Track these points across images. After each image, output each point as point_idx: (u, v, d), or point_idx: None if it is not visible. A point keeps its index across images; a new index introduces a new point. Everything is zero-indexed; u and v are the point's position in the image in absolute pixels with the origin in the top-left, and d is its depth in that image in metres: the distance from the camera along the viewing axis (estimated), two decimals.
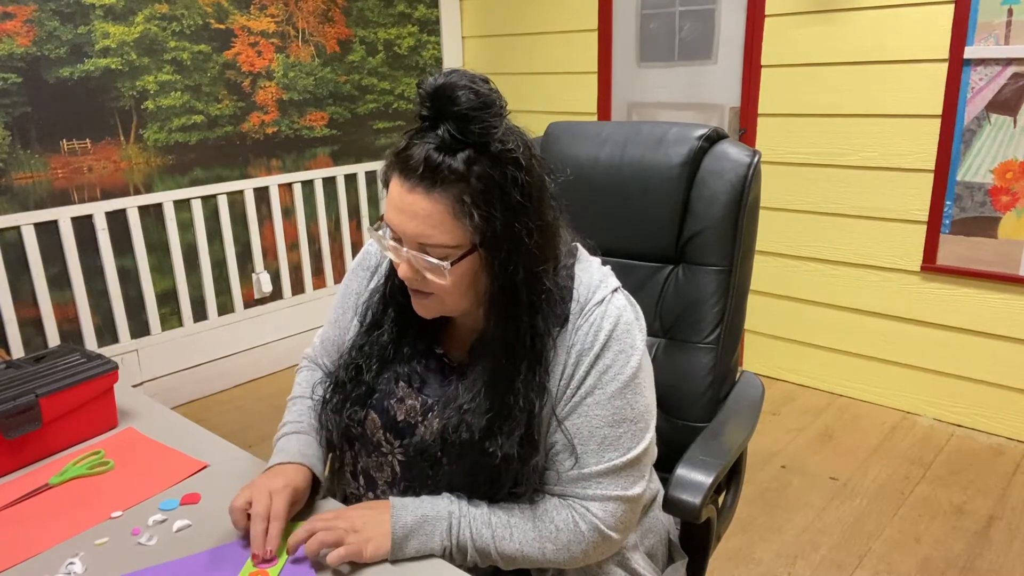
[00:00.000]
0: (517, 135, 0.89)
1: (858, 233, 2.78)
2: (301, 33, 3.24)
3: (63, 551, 0.95)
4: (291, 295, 3.37)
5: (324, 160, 3.41)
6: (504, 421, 0.92)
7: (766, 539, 2.11)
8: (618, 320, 0.95)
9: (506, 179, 0.85)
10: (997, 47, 2.35)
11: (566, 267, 0.97)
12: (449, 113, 0.84)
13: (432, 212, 0.85)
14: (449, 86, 0.84)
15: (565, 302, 0.95)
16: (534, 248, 0.89)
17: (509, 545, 0.93)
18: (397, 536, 0.90)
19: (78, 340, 2.75)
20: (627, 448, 0.95)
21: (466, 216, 0.85)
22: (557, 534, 0.94)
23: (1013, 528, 2.13)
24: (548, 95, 3.57)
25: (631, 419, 0.95)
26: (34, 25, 2.51)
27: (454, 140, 0.84)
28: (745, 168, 1.22)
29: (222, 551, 0.93)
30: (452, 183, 0.84)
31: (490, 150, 0.85)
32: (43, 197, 2.61)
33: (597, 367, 0.94)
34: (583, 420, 0.94)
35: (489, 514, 0.94)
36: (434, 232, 0.86)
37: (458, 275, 0.90)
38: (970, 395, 2.66)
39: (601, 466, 0.94)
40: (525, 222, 0.87)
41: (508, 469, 0.93)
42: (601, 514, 0.95)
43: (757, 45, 2.85)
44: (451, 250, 0.88)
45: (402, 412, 1.01)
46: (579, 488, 0.95)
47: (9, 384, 1.16)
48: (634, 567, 1.06)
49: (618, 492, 0.95)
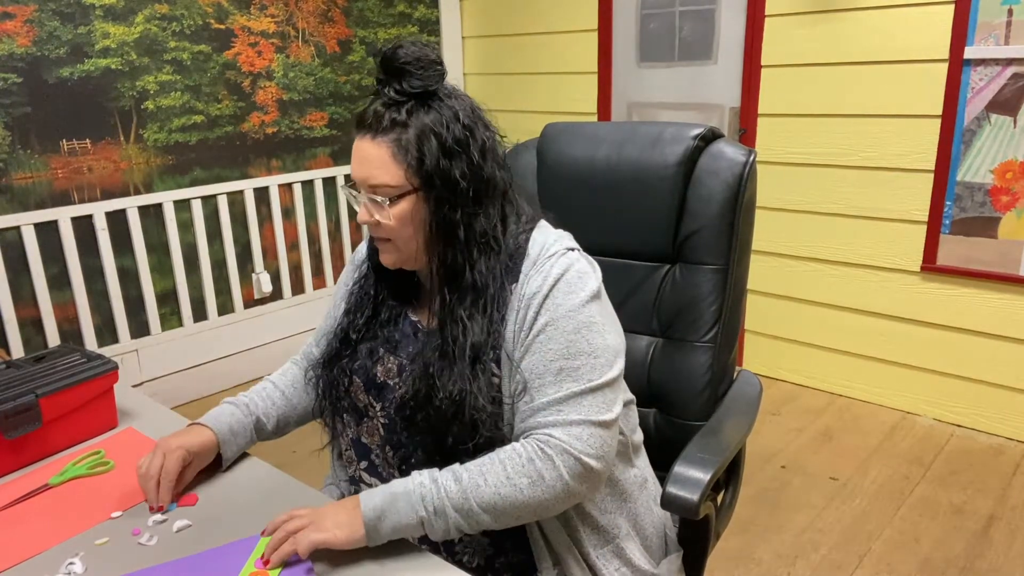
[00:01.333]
0: (463, 100, 1.01)
1: (858, 233, 2.78)
2: (301, 33, 3.24)
3: (63, 551, 0.95)
4: (291, 295, 3.38)
5: (324, 160, 3.42)
6: (455, 358, 0.97)
7: (766, 539, 2.11)
8: (568, 267, 1.00)
9: (443, 127, 0.97)
10: (997, 47, 2.35)
11: (525, 231, 1.04)
12: (391, 70, 0.96)
13: (375, 155, 0.97)
14: (392, 48, 0.96)
15: (519, 259, 1.02)
16: (470, 192, 0.98)
17: (485, 491, 0.91)
18: (369, 518, 0.91)
19: (78, 340, 2.76)
20: (587, 379, 0.96)
21: (403, 157, 0.96)
22: (528, 465, 0.92)
23: (1013, 528, 2.13)
24: (548, 95, 3.57)
25: (588, 352, 0.97)
26: (34, 25, 2.51)
27: (398, 95, 0.97)
28: (741, 167, 1.23)
29: (222, 551, 0.93)
30: (391, 129, 0.97)
31: (430, 104, 0.97)
32: (43, 197, 2.62)
33: (547, 305, 0.98)
34: (537, 356, 0.97)
35: (458, 470, 0.94)
36: (377, 172, 0.97)
37: (400, 213, 0.99)
38: (970, 395, 2.66)
39: (559, 394, 0.95)
40: (460, 167, 0.97)
41: (467, 410, 0.95)
42: (566, 437, 0.93)
43: (757, 45, 2.86)
44: (391, 188, 0.98)
45: (381, 373, 1.07)
46: (540, 418, 0.95)
47: (9, 384, 1.16)
48: (629, 556, 1.07)
49: (581, 416, 0.94)
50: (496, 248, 1.01)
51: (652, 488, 1.16)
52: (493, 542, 1.04)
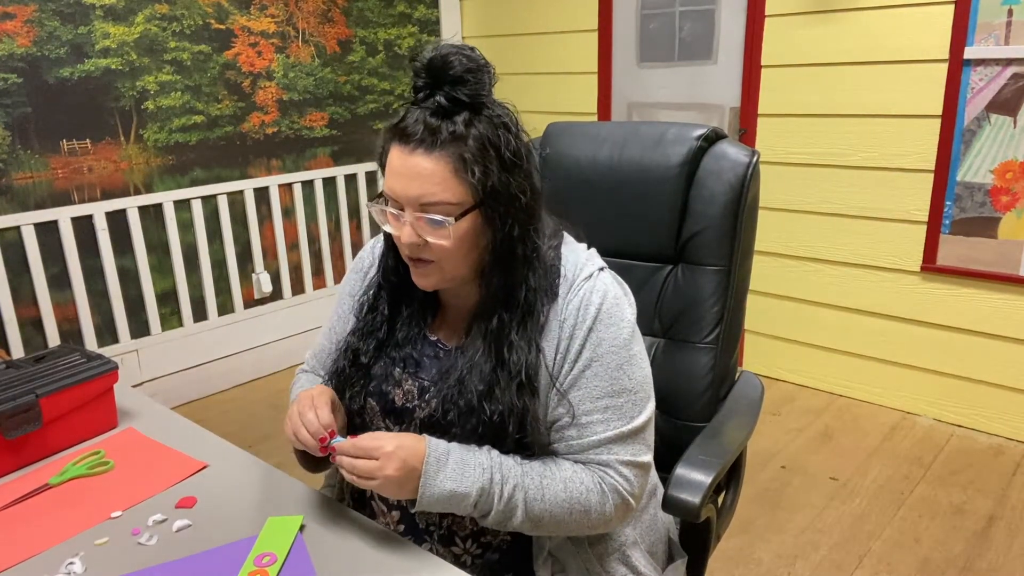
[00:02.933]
0: (505, 106, 0.95)
1: (858, 233, 2.78)
2: (301, 33, 3.24)
3: (63, 551, 0.95)
4: (291, 295, 3.37)
5: (324, 160, 3.42)
6: (503, 374, 0.94)
7: (766, 539, 2.11)
8: (606, 294, 0.98)
9: (499, 139, 0.90)
10: (997, 47, 2.35)
11: (553, 247, 1.00)
12: (444, 79, 0.89)
13: (435, 171, 0.89)
14: (442, 55, 0.89)
15: (554, 278, 0.99)
16: (528, 205, 0.94)
17: (538, 506, 0.93)
18: (424, 506, 0.91)
19: (78, 340, 2.75)
20: (630, 417, 0.97)
21: (467, 173, 0.89)
22: (586, 496, 0.95)
23: (1013, 528, 2.13)
24: (548, 95, 3.57)
25: (630, 389, 0.98)
26: (34, 25, 2.51)
27: (450, 104, 0.89)
28: (744, 168, 1.22)
29: (222, 551, 0.93)
30: (451, 143, 0.89)
31: (483, 113, 0.91)
32: (43, 197, 2.61)
33: (591, 340, 0.96)
34: (585, 392, 0.97)
35: (524, 480, 0.94)
36: (437, 190, 0.90)
37: (461, 233, 0.92)
38: (970, 395, 2.66)
39: (609, 433, 0.96)
40: (519, 180, 0.93)
41: (509, 427, 0.94)
42: (619, 478, 0.97)
43: (757, 45, 2.86)
44: (453, 207, 0.91)
45: (400, 396, 1.03)
46: (593, 454, 0.97)
47: (9, 384, 1.16)
48: (635, 564, 1.07)
49: (629, 457, 0.97)
50: (541, 265, 0.97)
51: (659, 495, 1.16)
52: (502, 557, 1.04)
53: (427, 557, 0.93)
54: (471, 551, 1.03)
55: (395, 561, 0.92)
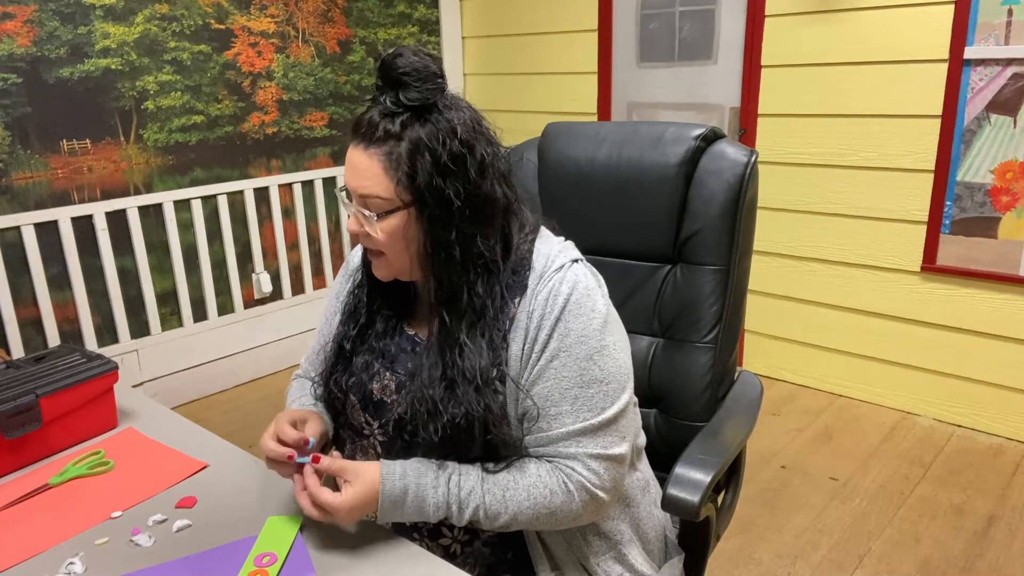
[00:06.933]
0: (464, 113, 0.96)
1: (858, 233, 2.78)
2: (301, 33, 3.24)
3: (63, 551, 0.95)
4: (291, 295, 3.37)
5: (324, 160, 3.42)
6: (457, 381, 0.95)
7: (766, 539, 2.11)
8: (576, 284, 0.98)
9: (438, 142, 0.92)
10: (997, 47, 2.35)
11: (527, 242, 1.02)
12: (389, 78, 0.93)
13: (368, 166, 0.94)
14: (392, 55, 0.93)
15: (524, 272, 1.00)
16: (466, 211, 0.94)
17: (504, 518, 0.95)
18: (384, 521, 0.95)
19: (78, 340, 2.75)
20: (601, 408, 0.97)
21: (395, 171, 0.93)
22: (550, 498, 0.95)
23: (1013, 528, 2.13)
24: (548, 95, 3.57)
25: (601, 380, 0.97)
26: (34, 25, 2.51)
27: (395, 106, 0.93)
28: (743, 167, 1.23)
29: (222, 551, 0.93)
30: (384, 141, 0.93)
31: (427, 117, 0.93)
32: (43, 197, 2.61)
33: (559, 330, 0.96)
34: (552, 383, 0.96)
35: (482, 493, 0.95)
36: (368, 183, 0.94)
37: (390, 229, 0.96)
38: (970, 395, 2.66)
39: (577, 425, 0.96)
40: (456, 185, 0.93)
41: (475, 431, 0.94)
42: (586, 473, 0.96)
43: (757, 45, 2.86)
44: (383, 202, 0.95)
45: (378, 390, 1.05)
46: (559, 447, 0.97)
47: (9, 384, 1.16)
48: (631, 562, 1.07)
49: (598, 451, 0.96)
50: (495, 269, 0.97)
51: (653, 491, 1.16)
52: (494, 551, 1.04)
53: (427, 557, 0.93)
54: (459, 539, 1.04)
55: (395, 561, 0.92)
